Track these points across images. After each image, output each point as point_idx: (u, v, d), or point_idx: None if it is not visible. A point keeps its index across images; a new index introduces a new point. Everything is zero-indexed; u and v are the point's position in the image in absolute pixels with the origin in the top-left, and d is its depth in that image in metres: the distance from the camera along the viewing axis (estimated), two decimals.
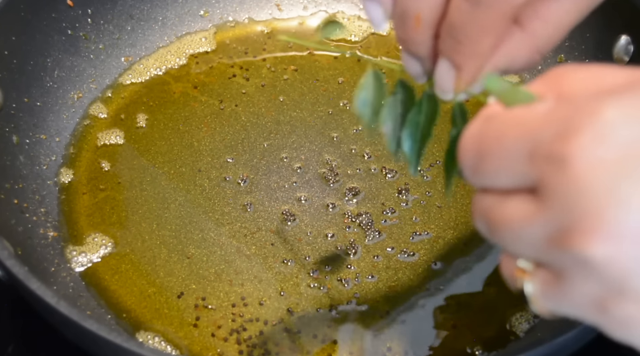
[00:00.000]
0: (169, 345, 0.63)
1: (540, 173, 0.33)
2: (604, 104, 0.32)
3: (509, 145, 0.35)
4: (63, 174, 0.74)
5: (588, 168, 0.32)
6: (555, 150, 0.33)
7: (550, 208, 0.33)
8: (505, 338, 0.63)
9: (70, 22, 0.78)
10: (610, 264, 0.32)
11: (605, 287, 0.33)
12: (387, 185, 0.73)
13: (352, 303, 0.65)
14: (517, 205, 0.35)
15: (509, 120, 0.36)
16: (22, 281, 0.54)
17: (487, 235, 0.38)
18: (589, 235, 0.32)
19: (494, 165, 0.36)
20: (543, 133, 0.33)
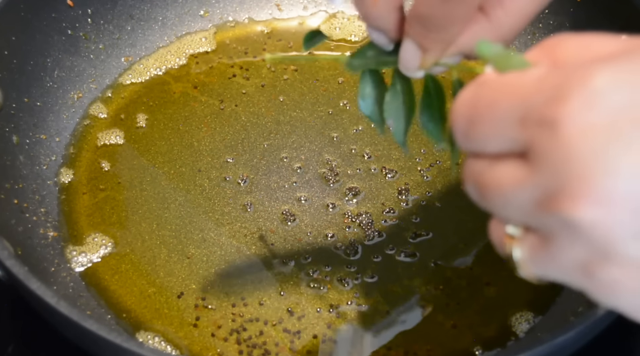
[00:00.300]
0: (169, 345, 0.63)
1: (530, 138, 0.34)
2: (595, 70, 0.33)
3: (500, 109, 0.35)
4: (63, 174, 0.74)
5: (577, 132, 0.32)
6: (546, 115, 0.33)
7: (539, 171, 0.34)
8: (505, 338, 0.63)
9: (70, 22, 0.78)
10: (596, 228, 0.32)
11: (591, 251, 0.33)
12: (387, 185, 0.73)
13: (352, 303, 0.65)
14: (507, 169, 0.36)
15: (501, 85, 0.36)
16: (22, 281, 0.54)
17: (477, 199, 0.38)
18: (577, 199, 0.32)
19: (486, 130, 0.36)
20: (534, 98, 0.34)
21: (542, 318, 0.64)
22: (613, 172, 0.32)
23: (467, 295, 0.66)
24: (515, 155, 0.36)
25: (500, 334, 0.63)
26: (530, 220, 0.35)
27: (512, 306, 0.65)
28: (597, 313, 0.52)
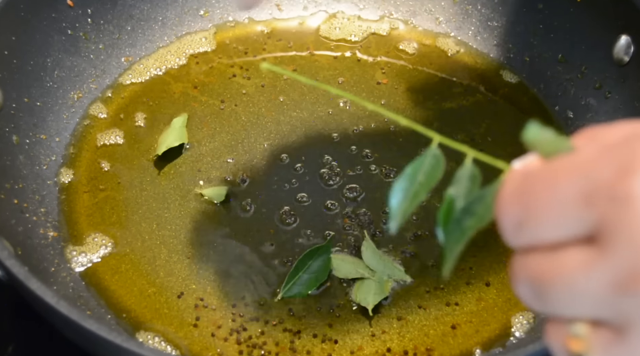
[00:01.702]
0: (169, 345, 0.63)
1: (599, 215, 0.31)
2: None
3: (561, 190, 0.33)
4: (63, 174, 0.74)
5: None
6: (616, 188, 0.31)
7: (614, 250, 0.31)
8: (505, 338, 0.63)
9: (70, 22, 0.78)
10: None
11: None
12: (387, 185, 0.73)
13: (352, 303, 0.65)
14: (573, 255, 0.33)
15: (555, 166, 0.33)
16: (22, 281, 0.54)
17: (534, 299, 0.34)
18: None
19: (545, 215, 0.33)
20: (599, 173, 0.32)
21: (542, 318, 0.64)
22: None
23: (467, 295, 0.66)
24: (580, 241, 0.33)
25: (500, 334, 0.63)
26: (603, 310, 0.32)
27: (512, 306, 0.65)
28: None
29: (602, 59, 0.75)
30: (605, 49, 0.74)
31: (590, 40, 0.77)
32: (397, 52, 0.85)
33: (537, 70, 0.82)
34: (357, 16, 0.87)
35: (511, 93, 0.82)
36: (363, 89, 0.81)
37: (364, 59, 0.84)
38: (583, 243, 0.32)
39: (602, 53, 0.75)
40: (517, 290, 0.35)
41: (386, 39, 0.86)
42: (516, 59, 0.83)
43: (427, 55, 0.85)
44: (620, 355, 0.32)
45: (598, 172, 0.32)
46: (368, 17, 0.88)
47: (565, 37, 0.80)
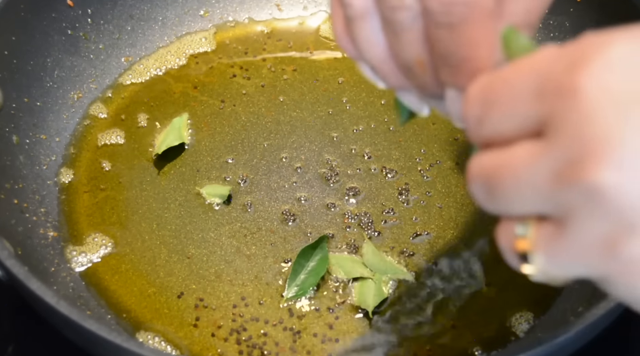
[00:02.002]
0: (169, 345, 0.63)
1: (549, 108, 0.32)
2: (613, 38, 0.32)
3: (516, 85, 0.34)
4: (63, 174, 0.74)
5: (598, 96, 0.31)
6: (564, 82, 0.32)
7: (559, 140, 0.32)
8: (505, 338, 0.63)
9: (70, 22, 0.78)
10: (621, 194, 0.30)
11: (615, 222, 0.31)
12: (387, 185, 0.73)
13: (352, 304, 0.65)
14: (522, 149, 0.34)
15: (516, 64, 0.35)
16: (22, 281, 0.54)
17: (485, 196, 0.36)
18: (599, 163, 0.30)
19: (501, 109, 0.34)
20: (552, 69, 0.33)
21: (542, 318, 0.64)
22: (637, 136, 0.30)
23: (467, 295, 0.66)
24: (530, 135, 0.34)
25: (500, 334, 0.63)
26: (547, 202, 0.33)
27: (512, 306, 0.65)
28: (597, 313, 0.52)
29: None
30: None
31: None
32: None
33: None
34: None
35: None
36: (363, 89, 0.81)
37: None
38: (533, 138, 0.33)
39: None
40: (472, 188, 0.36)
41: None
42: None
43: None
44: (561, 249, 0.33)
45: (550, 68, 0.33)
46: None
47: (565, 37, 0.80)
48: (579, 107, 0.31)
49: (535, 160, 0.33)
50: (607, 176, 0.30)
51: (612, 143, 0.30)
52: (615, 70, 0.31)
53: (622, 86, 0.31)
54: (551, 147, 0.32)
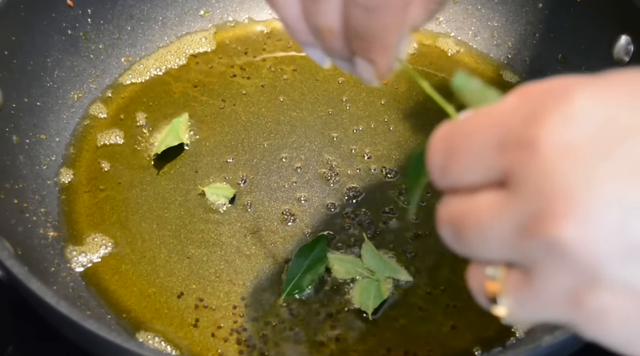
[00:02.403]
0: (169, 345, 0.63)
1: (509, 162, 0.33)
2: (572, 90, 0.32)
3: (478, 137, 0.34)
4: (63, 174, 0.74)
5: (558, 150, 0.31)
6: (524, 135, 0.32)
7: (520, 194, 0.32)
8: (505, 338, 0.63)
9: (70, 22, 0.78)
10: (583, 248, 0.31)
11: (578, 276, 0.31)
12: (387, 185, 0.73)
13: (352, 304, 0.65)
14: (485, 198, 0.34)
15: (478, 115, 0.35)
16: (22, 281, 0.53)
17: (453, 240, 0.36)
18: (561, 218, 0.31)
19: (463, 161, 0.35)
20: (512, 122, 0.33)
21: None
22: (597, 188, 0.30)
23: (467, 295, 0.65)
24: (494, 185, 0.34)
25: (500, 334, 0.63)
26: (512, 253, 0.33)
27: None
28: None
29: (602, 59, 0.75)
30: (605, 49, 0.74)
31: (590, 40, 0.77)
32: None
33: (537, 70, 0.82)
34: None
35: None
36: (363, 89, 0.81)
37: None
38: (497, 188, 0.34)
39: (602, 53, 0.75)
40: (440, 232, 0.36)
41: None
42: (516, 59, 0.83)
43: (427, 55, 0.85)
44: (528, 295, 0.33)
45: (511, 119, 0.33)
46: None
47: (565, 37, 0.80)
48: (539, 161, 0.31)
49: (499, 213, 0.33)
50: (567, 231, 0.31)
51: (571, 198, 0.30)
52: (574, 124, 0.31)
53: (581, 140, 0.31)
54: (514, 200, 0.32)
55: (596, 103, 0.32)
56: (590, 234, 0.30)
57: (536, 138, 0.31)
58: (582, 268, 0.31)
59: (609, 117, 0.31)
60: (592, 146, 0.31)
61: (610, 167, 0.30)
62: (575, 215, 0.30)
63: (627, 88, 0.32)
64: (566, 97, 0.32)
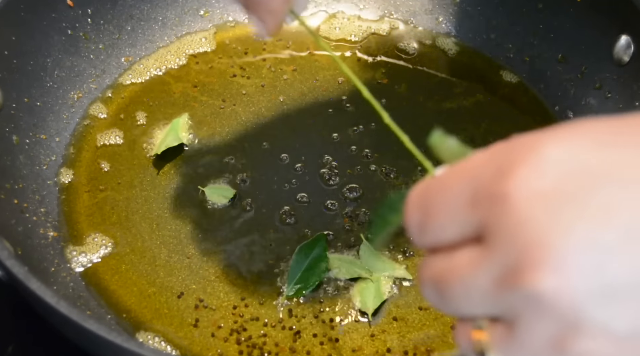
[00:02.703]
0: (169, 345, 0.63)
1: (483, 216, 0.33)
2: (540, 141, 0.32)
3: (451, 193, 0.35)
4: (63, 174, 0.74)
5: (528, 200, 0.31)
6: (495, 189, 0.32)
7: (496, 247, 0.32)
8: None
9: (70, 22, 0.78)
10: (560, 295, 0.31)
11: (559, 324, 0.31)
12: (387, 185, 0.73)
13: (352, 304, 0.65)
14: (464, 255, 0.34)
15: (451, 171, 0.36)
16: (22, 281, 0.53)
17: (437, 299, 0.36)
18: (535, 269, 0.31)
19: (439, 218, 0.35)
20: (482, 176, 0.33)
21: None
22: (569, 233, 0.31)
23: None
24: (471, 241, 0.34)
25: None
26: (494, 307, 0.34)
27: None
28: None
29: (602, 59, 0.75)
30: (605, 49, 0.74)
31: (590, 40, 0.77)
32: (397, 52, 0.85)
33: (537, 70, 0.82)
34: (357, 16, 0.87)
35: (511, 94, 0.82)
36: None
37: (364, 58, 0.84)
38: (474, 243, 0.34)
39: (602, 53, 0.75)
40: (423, 291, 0.37)
41: (386, 39, 0.86)
42: (516, 59, 0.83)
43: (427, 55, 0.85)
44: (514, 347, 0.33)
45: (481, 174, 0.34)
46: (368, 17, 0.88)
47: (565, 37, 0.80)
48: (511, 213, 0.32)
49: (477, 268, 0.33)
50: (544, 280, 0.31)
51: (545, 245, 0.31)
52: (543, 173, 0.32)
53: (550, 188, 0.31)
54: (490, 254, 0.33)
55: (564, 151, 0.32)
56: (566, 280, 0.31)
57: (507, 190, 0.32)
58: (562, 315, 0.31)
59: (577, 162, 0.32)
60: (562, 192, 0.31)
61: (580, 211, 0.31)
62: (550, 263, 0.31)
63: (592, 134, 0.33)
64: (534, 148, 0.32)
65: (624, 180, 0.31)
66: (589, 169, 0.31)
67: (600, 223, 0.31)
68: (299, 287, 0.65)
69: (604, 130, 0.33)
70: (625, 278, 0.31)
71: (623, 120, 0.33)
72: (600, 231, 0.31)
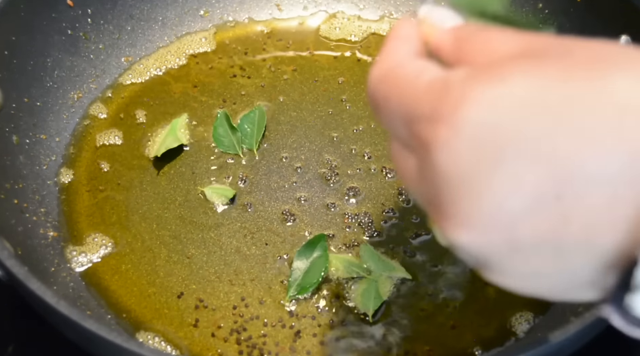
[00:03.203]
0: (169, 345, 0.63)
1: (413, 143, 0.36)
2: (468, 97, 0.33)
3: (391, 106, 0.37)
4: (63, 174, 0.74)
5: (446, 159, 0.34)
6: (421, 133, 0.35)
7: (423, 180, 0.36)
8: (505, 338, 0.63)
9: (70, 22, 0.78)
10: (471, 248, 0.34)
11: (475, 261, 0.36)
12: (387, 185, 0.73)
13: (352, 304, 0.65)
14: (409, 157, 0.38)
15: (399, 81, 0.37)
16: (22, 281, 0.53)
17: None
18: (450, 223, 0.34)
19: (384, 118, 0.39)
20: (417, 109, 0.36)
21: (542, 318, 0.64)
22: (477, 197, 0.33)
23: (467, 295, 0.66)
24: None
25: (500, 334, 0.63)
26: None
27: (512, 306, 0.65)
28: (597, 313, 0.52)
29: None
30: None
31: None
32: None
33: None
34: (357, 16, 0.87)
35: None
36: (363, 89, 0.81)
37: (364, 59, 0.84)
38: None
39: None
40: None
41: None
42: None
43: None
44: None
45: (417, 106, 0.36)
46: (368, 17, 0.88)
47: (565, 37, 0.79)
48: (432, 165, 0.34)
49: (414, 182, 0.37)
50: (457, 234, 0.34)
51: (457, 208, 0.34)
52: (462, 136, 0.33)
53: (466, 151, 0.33)
54: (420, 182, 0.37)
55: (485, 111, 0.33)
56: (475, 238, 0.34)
57: (430, 141, 0.34)
58: (475, 259, 0.36)
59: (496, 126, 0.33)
60: (477, 157, 0.33)
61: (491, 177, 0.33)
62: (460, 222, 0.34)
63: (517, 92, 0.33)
64: (461, 102, 0.34)
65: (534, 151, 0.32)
66: (503, 134, 0.32)
67: (508, 190, 0.32)
68: (300, 288, 0.65)
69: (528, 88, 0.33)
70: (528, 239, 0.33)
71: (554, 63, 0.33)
72: (507, 198, 0.33)
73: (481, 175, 0.33)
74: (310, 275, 0.66)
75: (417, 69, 0.37)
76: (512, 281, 0.36)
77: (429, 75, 0.36)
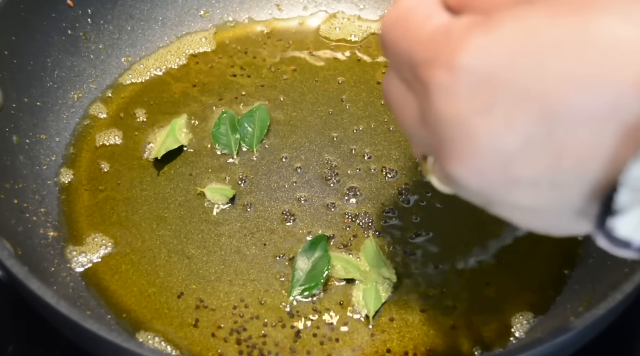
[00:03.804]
0: (169, 345, 0.63)
1: (417, 88, 0.38)
2: (464, 43, 0.35)
3: (399, 49, 0.39)
4: (63, 174, 0.74)
5: (445, 102, 0.36)
6: (423, 76, 0.37)
7: (425, 122, 0.38)
8: (505, 338, 0.63)
9: (70, 22, 0.78)
10: (471, 185, 0.37)
11: (475, 198, 0.39)
12: (387, 185, 0.73)
13: (352, 304, 0.65)
14: (412, 99, 0.39)
15: (408, 25, 0.39)
16: (22, 281, 0.53)
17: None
18: (450, 162, 0.37)
19: (392, 59, 0.40)
20: (420, 54, 0.37)
21: (542, 318, 0.64)
22: (473, 139, 0.35)
23: (467, 295, 0.66)
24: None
25: (500, 334, 0.63)
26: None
27: (512, 306, 0.65)
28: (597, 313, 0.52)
29: None
30: None
31: None
32: None
33: None
34: (357, 16, 0.87)
35: None
36: (363, 89, 0.81)
37: (364, 59, 0.84)
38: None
39: None
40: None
41: None
42: None
43: None
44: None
45: (420, 51, 0.38)
46: (368, 17, 0.88)
47: None
48: (431, 108, 0.37)
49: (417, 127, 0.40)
50: (455, 172, 0.37)
51: (455, 149, 0.36)
52: (460, 82, 0.35)
53: (463, 97, 0.35)
54: (422, 125, 0.39)
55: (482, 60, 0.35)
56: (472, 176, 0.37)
57: (429, 85, 0.36)
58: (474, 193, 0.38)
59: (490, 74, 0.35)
60: (473, 103, 0.35)
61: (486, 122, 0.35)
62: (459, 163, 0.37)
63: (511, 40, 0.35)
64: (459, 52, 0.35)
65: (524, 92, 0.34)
66: (496, 78, 0.34)
67: (503, 130, 0.34)
68: (302, 289, 0.65)
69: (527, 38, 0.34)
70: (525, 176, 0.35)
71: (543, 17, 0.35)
72: (501, 138, 0.35)
73: (476, 116, 0.35)
74: (313, 276, 0.66)
75: (426, 13, 0.39)
76: (513, 215, 0.39)
77: (436, 20, 0.38)
